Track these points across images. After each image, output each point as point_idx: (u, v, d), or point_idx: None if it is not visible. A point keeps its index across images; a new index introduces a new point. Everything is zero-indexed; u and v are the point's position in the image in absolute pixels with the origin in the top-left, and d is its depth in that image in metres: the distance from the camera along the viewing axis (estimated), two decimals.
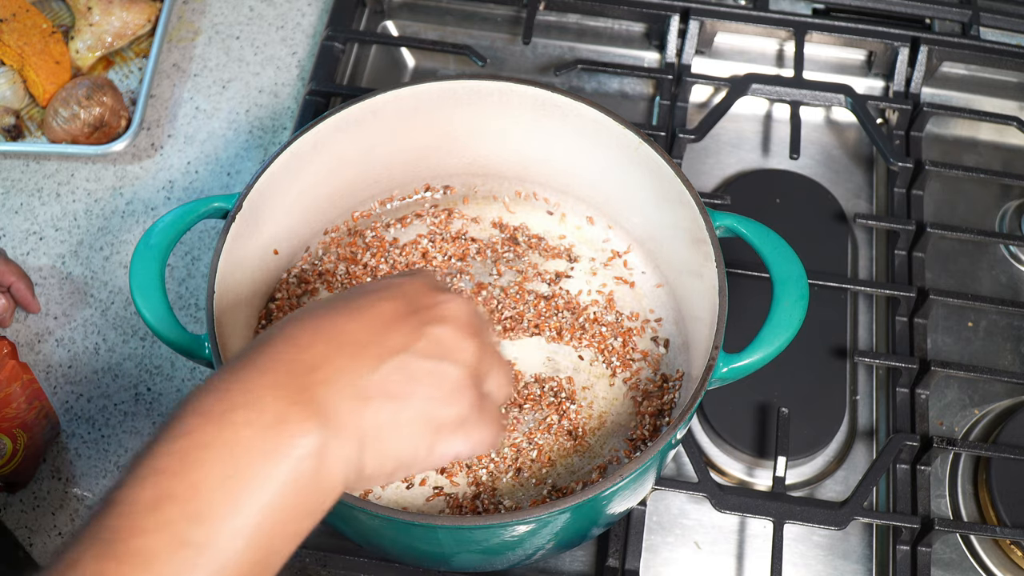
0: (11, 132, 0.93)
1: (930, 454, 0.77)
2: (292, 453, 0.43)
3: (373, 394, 0.46)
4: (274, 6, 1.03)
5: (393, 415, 0.47)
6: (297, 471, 0.43)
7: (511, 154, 0.81)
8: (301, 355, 0.46)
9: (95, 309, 0.86)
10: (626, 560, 0.73)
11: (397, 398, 0.47)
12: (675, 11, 0.97)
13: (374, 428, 0.46)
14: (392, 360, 0.47)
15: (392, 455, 0.48)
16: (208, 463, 0.42)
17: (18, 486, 0.77)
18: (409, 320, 0.49)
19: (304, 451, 0.43)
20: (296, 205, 0.75)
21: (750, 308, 0.74)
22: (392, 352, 0.47)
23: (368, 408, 0.46)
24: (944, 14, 0.99)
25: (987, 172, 0.90)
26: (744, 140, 0.97)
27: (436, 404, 0.48)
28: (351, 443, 0.45)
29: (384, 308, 0.49)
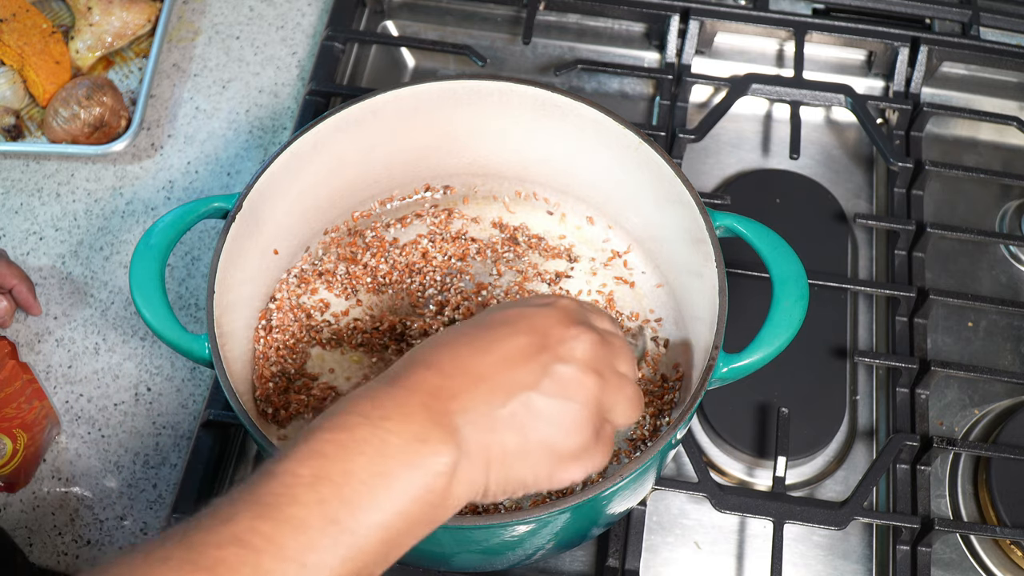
0: (11, 132, 0.93)
1: (930, 454, 0.77)
2: (430, 468, 0.49)
3: (501, 426, 0.52)
4: (274, 6, 1.03)
5: (517, 446, 0.52)
6: (431, 484, 0.49)
7: (511, 154, 0.81)
8: (444, 382, 0.51)
9: (95, 309, 0.86)
10: (626, 560, 0.73)
11: (522, 431, 0.52)
12: (675, 11, 0.97)
13: (500, 456, 0.52)
14: (519, 396, 0.52)
15: (514, 480, 0.53)
16: (362, 457, 0.47)
17: (18, 486, 0.77)
18: (538, 358, 0.53)
19: (439, 468, 0.49)
20: (296, 205, 0.75)
21: (750, 308, 0.74)
22: (520, 389, 0.52)
23: (495, 437, 0.51)
24: (944, 14, 0.99)
25: (987, 172, 0.90)
26: (744, 140, 0.97)
27: (556, 438, 0.53)
28: (478, 467, 0.51)
29: (517, 343, 0.54)
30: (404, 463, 0.48)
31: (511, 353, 0.53)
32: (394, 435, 0.48)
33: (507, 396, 0.52)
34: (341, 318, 0.76)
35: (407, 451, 0.48)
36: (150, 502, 0.78)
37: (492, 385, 0.52)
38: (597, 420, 0.54)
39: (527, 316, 0.56)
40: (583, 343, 0.55)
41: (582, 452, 0.54)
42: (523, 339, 0.54)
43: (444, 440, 0.49)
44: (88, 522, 0.77)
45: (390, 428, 0.48)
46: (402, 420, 0.49)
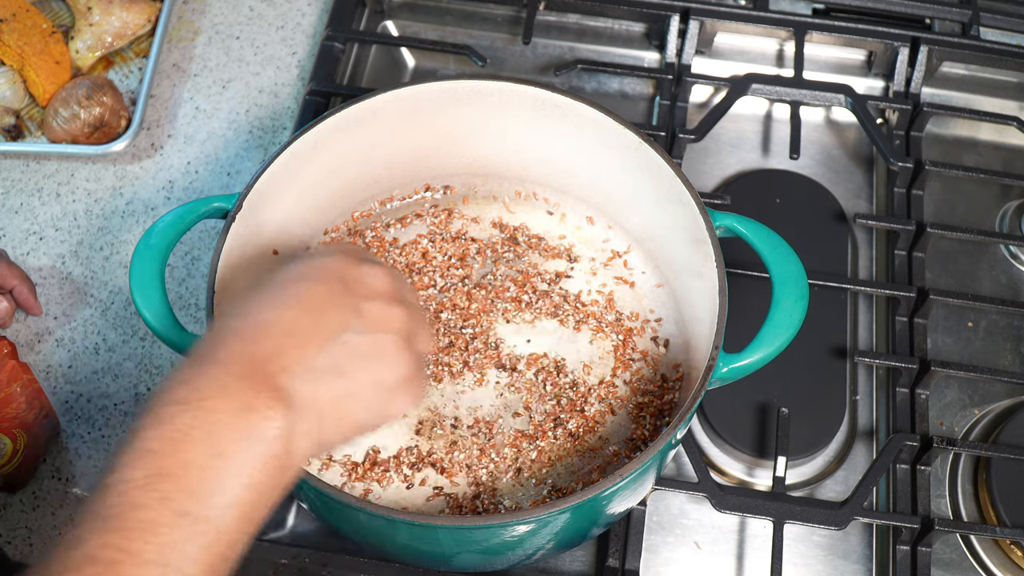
0: (11, 132, 0.93)
1: (930, 454, 0.77)
2: (264, 435, 0.48)
3: (324, 373, 0.52)
4: (274, 6, 1.03)
5: (344, 388, 0.53)
6: (270, 450, 0.48)
7: (511, 154, 0.81)
8: (255, 348, 0.51)
9: (95, 309, 0.86)
10: (626, 560, 0.73)
11: (345, 373, 0.53)
12: (675, 11, 0.97)
13: (329, 402, 0.52)
14: (335, 340, 0.53)
15: (348, 422, 0.54)
16: (194, 444, 0.46)
17: (18, 486, 0.77)
18: (342, 300, 0.54)
19: (273, 433, 0.49)
20: (296, 205, 0.75)
21: (750, 308, 0.74)
22: (333, 333, 0.53)
23: (321, 386, 0.52)
24: (944, 14, 0.99)
25: (987, 172, 0.90)
26: (744, 140, 0.97)
27: (380, 371, 0.54)
28: (311, 419, 0.51)
29: (317, 292, 0.54)
30: (237, 437, 0.47)
31: (315, 302, 0.54)
32: (219, 413, 0.47)
33: (322, 343, 0.52)
34: None
35: (237, 425, 0.48)
36: None
37: (305, 337, 0.52)
38: (410, 350, 0.56)
39: (317, 266, 0.56)
40: (379, 277, 0.56)
41: (406, 382, 0.56)
42: (322, 287, 0.54)
43: (271, 404, 0.49)
44: None
45: (213, 407, 0.48)
46: (223, 396, 0.48)
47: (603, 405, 0.73)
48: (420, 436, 0.71)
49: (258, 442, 0.48)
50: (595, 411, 0.72)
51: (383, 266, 0.58)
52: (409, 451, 0.70)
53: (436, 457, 0.69)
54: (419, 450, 0.70)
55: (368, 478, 0.68)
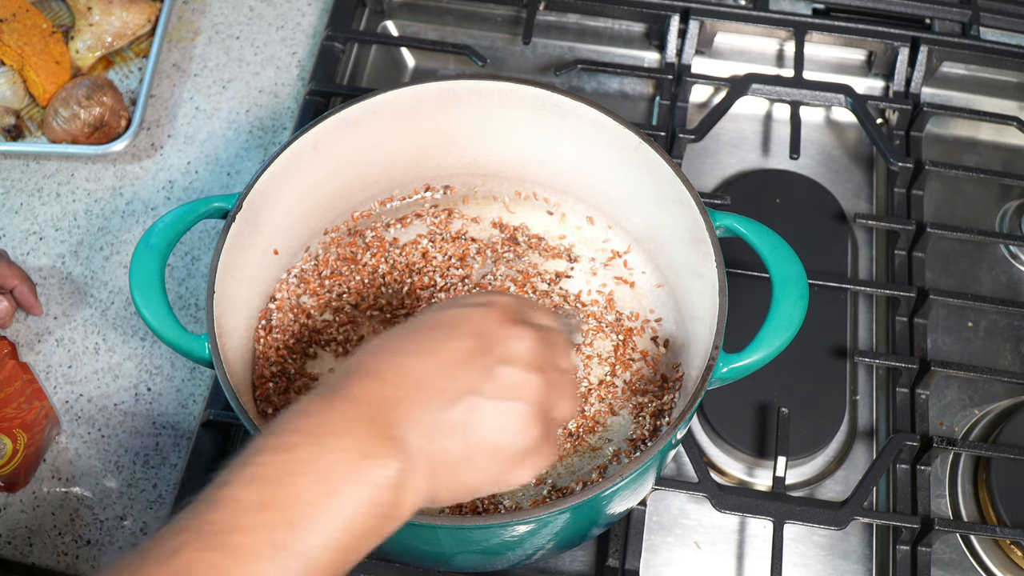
0: (11, 132, 0.93)
1: (930, 454, 0.77)
2: (375, 482, 0.48)
3: (446, 432, 0.51)
4: (274, 6, 1.03)
5: (463, 451, 0.52)
6: (378, 498, 0.48)
7: (511, 154, 0.81)
8: (384, 392, 0.50)
9: (95, 309, 0.86)
10: (626, 560, 0.73)
11: (466, 436, 0.51)
12: (675, 11, 0.97)
13: (447, 463, 0.51)
14: (463, 401, 0.51)
15: (463, 484, 0.53)
16: (306, 478, 0.46)
17: (18, 486, 0.77)
18: (480, 361, 0.53)
19: (385, 481, 0.48)
20: (296, 205, 0.75)
21: (750, 308, 0.74)
22: (463, 394, 0.52)
23: (439, 444, 0.51)
24: (944, 14, 0.99)
25: (987, 172, 0.90)
26: (744, 140, 0.97)
27: (502, 440, 0.53)
28: (425, 476, 0.50)
29: (458, 347, 0.53)
30: (348, 480, 0.47)
31: (452, 357, 0.52)
32: (337, 452, 0.47)
33: (450, 401, 0.51)
34: (341, 318, 0.76)
35: (351, 467, 0.47)
36: (150, 502, 0.78)
37: (434, 391, 0.51)
38: (544, 419, 0.54)
39: (466, 317, 0.55)
40: (524, 342, 0.54)
41: (530, 452, 0.54)
42: (464, 342, 0.53)
43: (388, 453, 0.48)
44: (88, 522, 0.77)
45: (332, 445, 0.47)
46: (344, 435, 0.48)
47: (603, 405, 0.73)
48: None
49: (367, 488, 0.48)
50: (595, 411, 0.72)
51: (535, 328, 0.55)
52: None
53: None
54: None
55: None
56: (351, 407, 0.49)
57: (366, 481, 0.47)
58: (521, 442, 0.53)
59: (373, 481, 0.48)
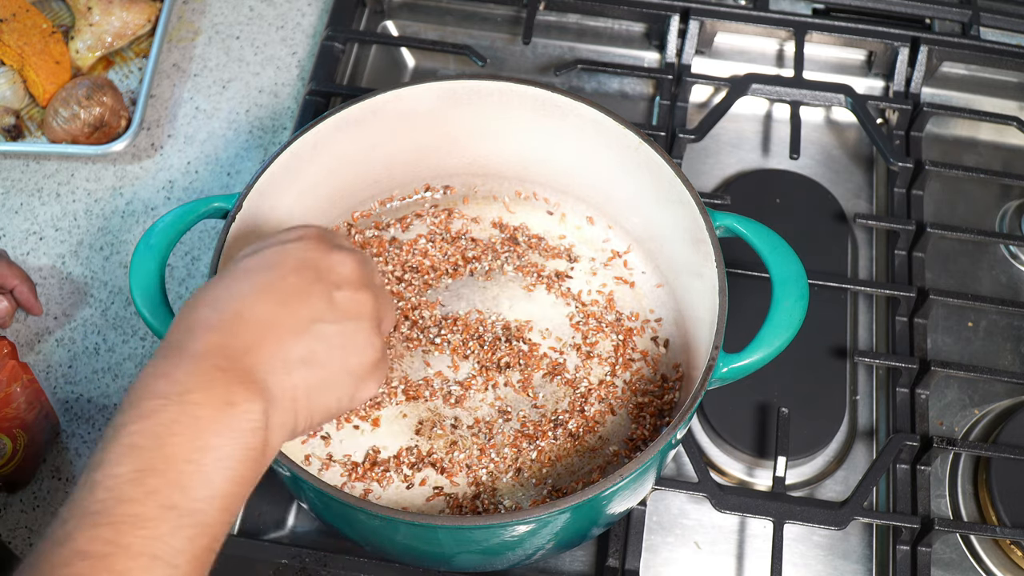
0: (11, 132, 0.93)
1: (930, 454, 0.77)
2: (245, 427, 0.49)
3: (298, 365, 0.53)
4: (274, 6, 1.03)
5: (318, 378, 0.54)
6: (250, 443, 0.49)
7: (511, 154, 0.81)
8: (232, 340, 0.51)
9: (95, 309, 0.86)
10: (626, 560, 0.73)
11: (318, 363, 0.54)
12: (675, 11, 0.97)
13: (303, 393, 0.53)
14: (310, 331, 0.54)
15: (320, 410, 0.55)
16: (178, 438, 0.47)
17: (18, 486, 0.77)
18: (314, 290, 0.55)
19: (253, 425, 0.50)
20: (296, 205, 0.75)
21: (750, 308, 0.74)
22: (307, 324, 0.54)
23: (295, 377, 0.53)
24: (944, 14, 0.99)
25: (987, 172, 0.90)
26: (744, 140, 0.97)
27: (351, 359, 0.56)
28: (286, 411, 0.52)
29: (290, 283, 0.55)
30: (220, 431, 0.48)
31: (288, 292, 0.54)
32: (201, 407, 0.48)
33: (299, 334, 0.53)
34: None
35: (219, 418, 0.48)
36: None
37: (281, 328, 0.53)
38: (378, 334, 0.57)
39: (287, 252, 0.56)
40: (348, 265, 0.57)
41: (375, 366, 0.57)
42: (295, 276, 0.55)
43: (250, 398, 0.50)
44: None
45: (195, 400, 0.48)
46: (204, 390, 0.49)
47: (603, 405, 0.73)
48: (420, 436, 0.71)
49: (239, 435, 0.49)
50: (595, 411, 0.72)
51: (351, 251, 0.58)
52: (409, 451, 0.70)
53: (436, 457, 0.69)
54: (419, 450, 0.70)
55: (368, 478, 0.69)
56: (202, 361, 0.50)
57: (236, 428, 0.49)
58: (368, 357, 0.56)
59: (241, 427, 0.49)
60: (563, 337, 0.75)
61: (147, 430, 0.47)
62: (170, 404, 0.48)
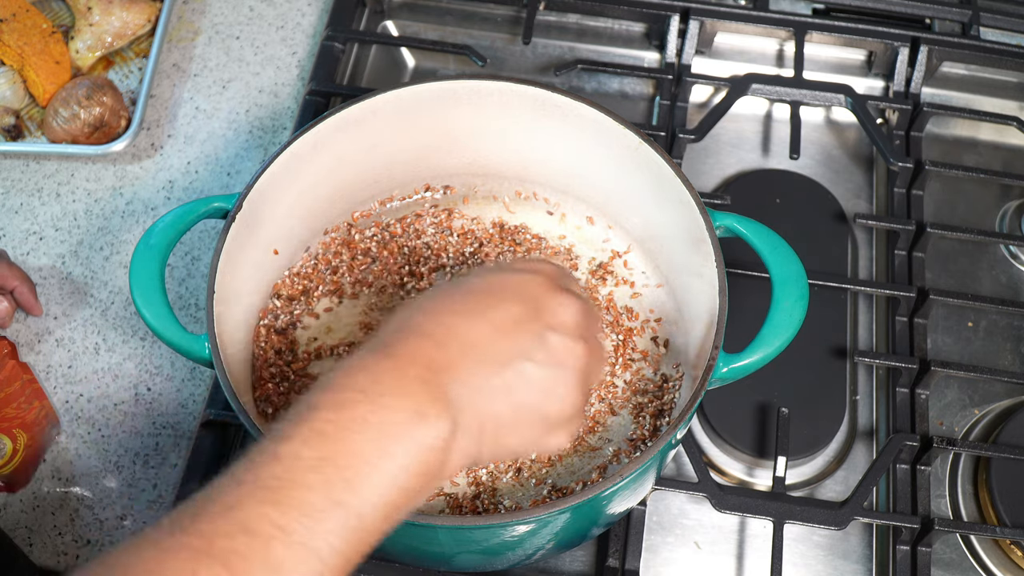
0: (11, 132, 0.93)
1: (930, 454, 0.77)
2: (428, 442, 0.49)
3: (495, 396, 0.52)
4: (274, 6, 1.03)
5: (510, 415, 0.53)
6: (429, 459, 0.49)
7: (511, 154, 0.81)
8: (438, 353, 0.51)
9: (95, 309, 0.86)
10: (626, 560, 0.73)
11: (516, 400, 0.53)
12: (675, 11, 0.97)
13: (493, 425, 0.52)
14: (513, 366, 0.52)
15: (504, 447, 0.54)
16: (363, 436, 0.47)
17: (18, 486, 0.77)
18: (530, 327, 0.54)
19: (437, 443, 0.49)
20: (296, 205, 0.75)
21: (750, 308, 0.74)
22: (514, 358, 0.53)
23: (489, 408, 0.52)
24: (944, 14, 0.99)
25: (987, 172, 0.90)
26: (744, 140, 0.97)
27: (547, 406, 0.54)
28: (471, 438, 0.51)
29: (508, 312, 0.54)
30: (403, 439, 0.48)
31: (503, 322, 0.53)
32: (393, 411, 0.48)
33: (501, 366, 0.52)
34: (342, 318, 0.76)
35: (406, 427, 0.48)
36: (150, 502, 0.78)
37: (486, 355, 0.52)
38: (584, 385, 0.55)
39: (513, 283, 0.55)
40: (571, 310, 0.55)
41: (569, 418, 0.55)
42: (514, 307, 0.54)
43: (441, 414, 0.49)
44: (88, 522, 0.77)
45: (389, 404, 0.48)
46: (400, 395, 0.49)
47: (603, 405, 0.73)
48: None
49: (422, 448, 0.48)
50: (595, 411, 0.72)
51: (578, 298, 0.57)
52: None
53: None
54: None
55: None
56: (405, 366, 0.50)
57: (419, 441, 0.48)
58: (565, 408, 0.54)
59: (426, 441, 0.48)
60: None
61: (338, 420, 0.47)
62: (364, 401, 0.48)
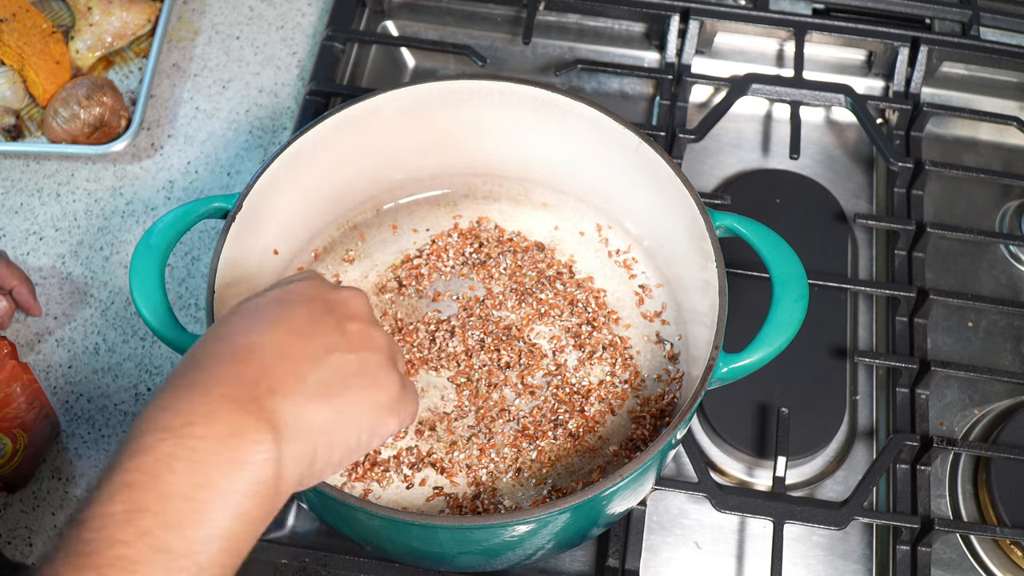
0: (11, 132, 0.93)
1: (930, 454, 0.77)
2: (252, 460, 0.46)
3: (314, 395, 0.50)
4: (274, 6, 1.03)
5: (336, 409, 0.51)
6: (258, 477, 0.46)
7: (511, 154, 0.81)
8: (242, 370, 0.48)
9: (95, 309, 0.86)
10: (626, 560, 0.73)
11: (336, 394, 0.51)
12: (675, 11, 0.97)
13: (321, 425, 0.50)
14: (325, 361, 0.51)
15: (339, 446, 0.51)
16: (175, 475, 0.44)
17: (18, 486, 0.77)
18: (326, 320, 0.53)
19: (262, 457, 0.46)
20: (296, 205, 0.75)
21: (750, 308, 0.74)
22: (321, 354, 0.51)
23: (312, 407, 0.50)
24: (944, 14, 0.99)
25: (987, 172, 0.90)
26: (744, 140, 0.97)
27: (370, 391, 0.53)
28: (302, 443, 0.49)
29: (301, 313, 0.53)
30: (223, 464, 0.45)
31: (300, 322, 0.52)
32: (203, 440, 0.45)
33: (313, 362, 0.51)
34: None
35: (223, 451, 0.45)
36: None
37: (294, 357, 0.50)
38: (396, 369, 0.55)
39: (293, 290, 0.55)
40: (356, 300, 0.56)
41: (396, 401, 0.55)
42: (305, 307, 0.53)
43: (260, 428, 0.46)
44: None
45: (198, 433, 0.45)
46: (207, 422, 0.45)
47: (603, 405, 0.73)
48: (420, 436, 0.71)
49: (246, 468, 0.45)
50: (595, 411, 0.72)
51: (356, 289, 0.58)
52: (409, 451, 0.70)
53: (436, 457, 0.69)
54: (419, 450, 0.70)
55: (368, 478, 0.68)
56: (208, 392, 0.47)
57: (241, 461, 0.45)
58: (389, 390, 0.54)
59: (249, 459, 0.46)
60: (563, 337, 0.75)
61: (143, 466, 0.44)
62: (169, 437, 0.45)
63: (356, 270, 0.79)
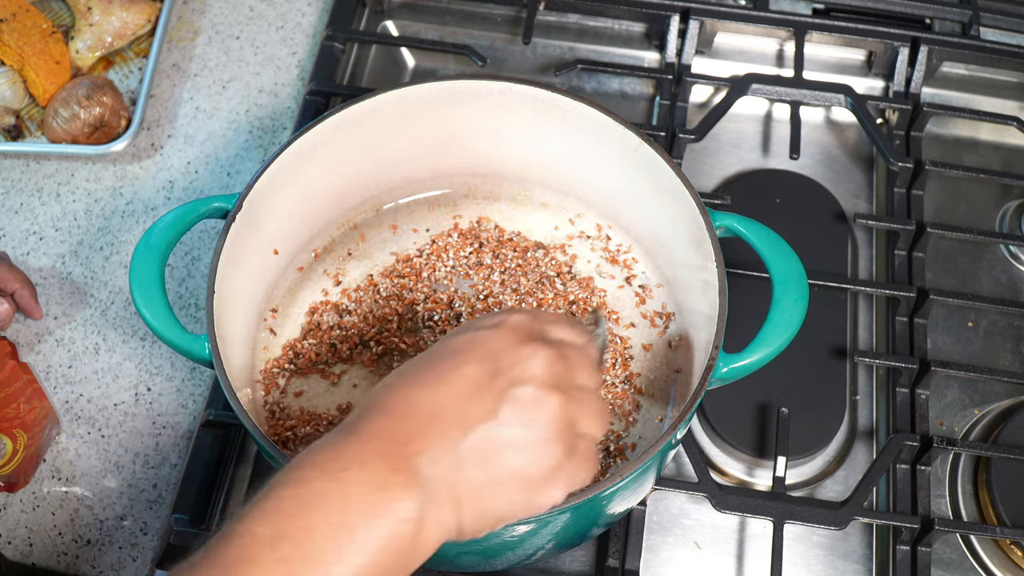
0: (11, 132, 0.93)
1: (930, 454, 0.77)
2: (393, 516, 0.47)
3: (466, 462, 0.50)
4: (274, 6, 1.03)
5: (485, 480, 0.50)
6: (397, 532, 0.47)
7: (511, 154, 0.81)
8: (398, 426, 0.50)
9: (95, 309, 0.86)
10: (626, 560, 0.73)
11: (486, 464, 0.50)
12: (675, 11, 0.97)
13: (469, 493, 0.50)
14: (477, 429, 0.50)
15: (490, 513, 0.52)
16: (322, 511, 0.46)
17: (18, 486, 0.77)
18: (492, 386, 0.52)
19: (404, 515, 0.47)
20: (296, 205, 0.75)
21: (750, 308, 0.74)
22: (477, 422, 0.51)
23: (460, 475, 0.50)
24: (944, 14, 0.99)
25: (987, 172, 0.90)
26: (744, 140, 0.97)
27: (524, 464, 0.51)
28: (447, 508, 0.49)
29: (468, 373, 0.52)
30: (365, 514, 0.47)
31: (463, 385, 0.51)
32: (353, 486, 0.47)
33: (465, 430, 0.50)
34: (344, 319, 0.76)
35: (367, 501, 0.47)
36: (150, 502, 0.78)
37: (448, 422, 0.50)
38: (567, 437, 0.52)
39: (477, 341, 0.53)
40: (538, 361, 0.53)
41: (555, 473, 0.52)
42: (474, 367, 0.52)
43: (405, 486, 0.48)
44: (88, 522, 0.77)
45: (348, 479, 0.47)
46: (359, 469, 0.47)
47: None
48: None
49: (387, 522, 0.47)
50: None
51: (548, 345, 0.54)
52: None
53: None
54: None
55: None
56: (365, 442, 0.49)
57: (383, 514, 0.47)
58: (544, 465, 0.52)
59: (391, 515, 0.47)
60: None
61: (295, 496, 0.46)
62: (323, 477, 0.47)
63: (356, 270, 0.79)
